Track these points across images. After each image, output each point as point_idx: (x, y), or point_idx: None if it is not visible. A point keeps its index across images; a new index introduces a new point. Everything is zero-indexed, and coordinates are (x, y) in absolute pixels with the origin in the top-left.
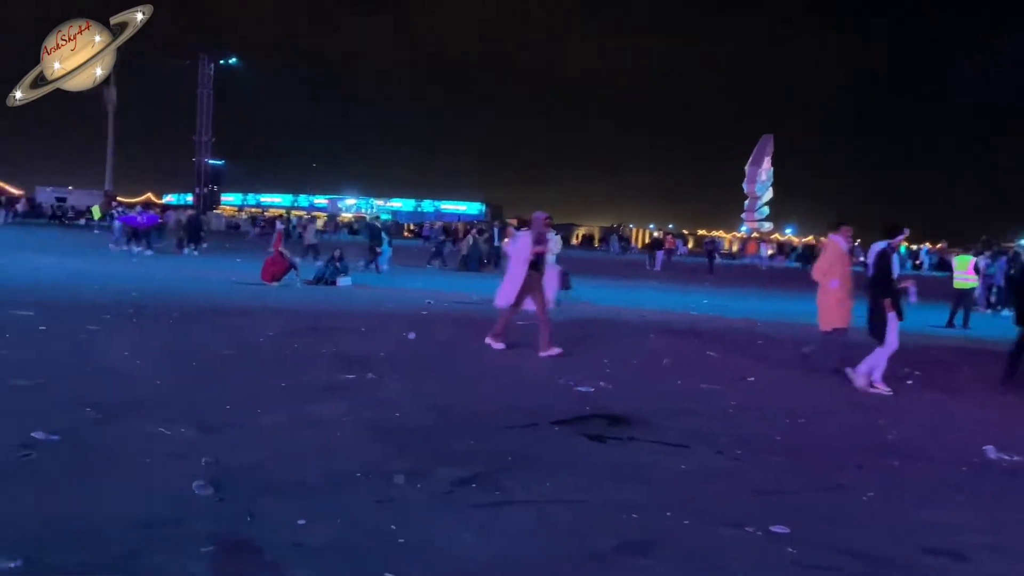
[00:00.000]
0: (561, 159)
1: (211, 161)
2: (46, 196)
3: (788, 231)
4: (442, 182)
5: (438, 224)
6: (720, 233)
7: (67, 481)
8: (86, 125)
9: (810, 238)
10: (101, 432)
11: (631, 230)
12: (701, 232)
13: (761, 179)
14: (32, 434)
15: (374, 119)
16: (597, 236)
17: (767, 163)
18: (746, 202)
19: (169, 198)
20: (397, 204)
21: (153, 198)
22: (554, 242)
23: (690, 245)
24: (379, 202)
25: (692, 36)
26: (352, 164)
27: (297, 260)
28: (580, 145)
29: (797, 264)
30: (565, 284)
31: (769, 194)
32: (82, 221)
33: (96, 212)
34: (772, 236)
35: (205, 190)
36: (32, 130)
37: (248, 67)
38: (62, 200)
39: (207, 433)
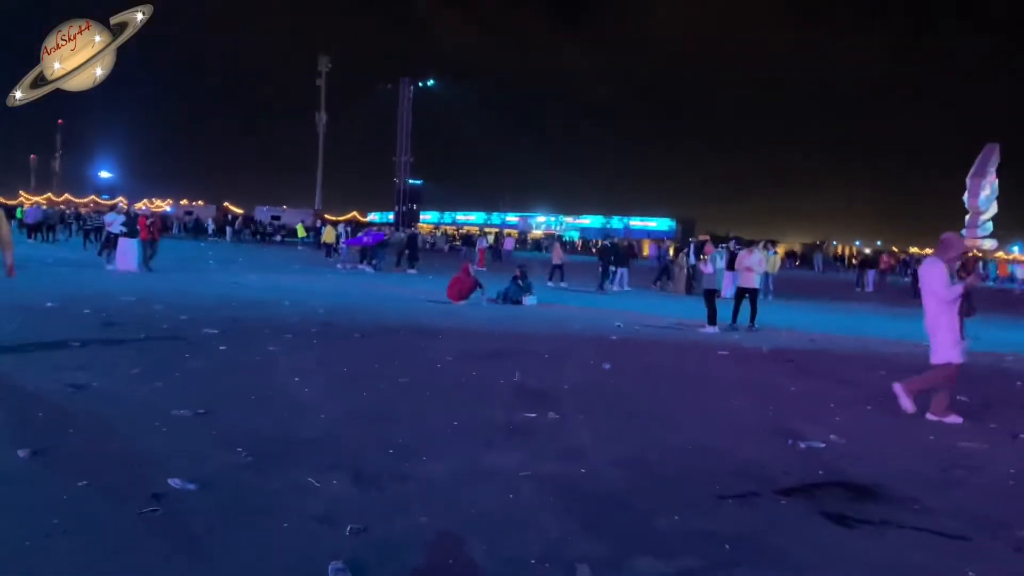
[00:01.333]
0: (756, 173)
1: (410, 181)
2: (263, 215)
3: (1015, 249)
4: (632, 198)
5: (666, 243)
6: (928, 251)
7: (178, 554)
8: (300, 149)
9: None
10: (245, 481)
11: (835, 247)
12: (913, 250)
13: (984, 192)
14: (169, 481)
15: (566, 136)
16: (799, 253)
17: (992, 175)
18: (967, 217)
19: (372, 216)
20: (586, 221)
21: (358, 216)
22: (758, 260)
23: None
24: (568, 219)
25: (906, 42)
26: (544, 182)
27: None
28: (777, 159)
29: None
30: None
31: (993, 208)
32: (278, 237)
33: (300, 230)
34: (995, 254)
35: (404, 208)
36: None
37: (446, 89)
38: (276, 218)
39: (362, 487)
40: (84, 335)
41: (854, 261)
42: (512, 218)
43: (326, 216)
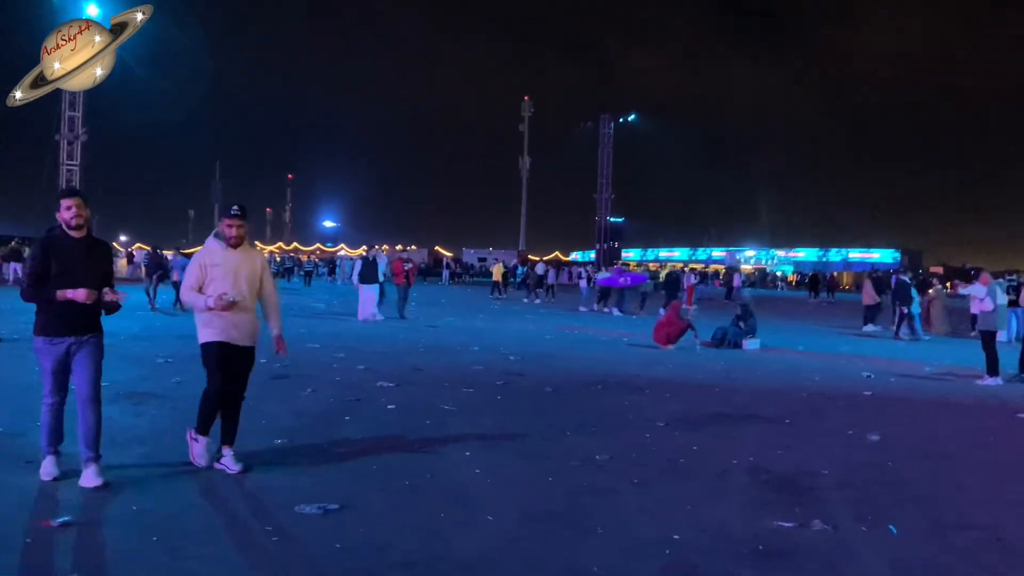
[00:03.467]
0: (991, 196)
1: (611, 219)
2: (470, 256)
3: None
4: (851, 228)
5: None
6: None
7: None
8: (505, 191)
9: None
10: None
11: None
12: None
13: None
14: None
15: (776, 167)
16: None
17: None
18: None
19: (575, 255)
20: (800, 254)
21: (560, 256)
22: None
23: None
24: (780, 252)
25: None
26: (752, 214)
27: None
28: (1013, 181)
29: None
30: None
31: None
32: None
33: (497, 271)
34: None
35: (606, 246)
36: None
37: (646, 123)
38: (483, 260)
39: None
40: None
41: None
42: (718, 253)
43: (531, 256)
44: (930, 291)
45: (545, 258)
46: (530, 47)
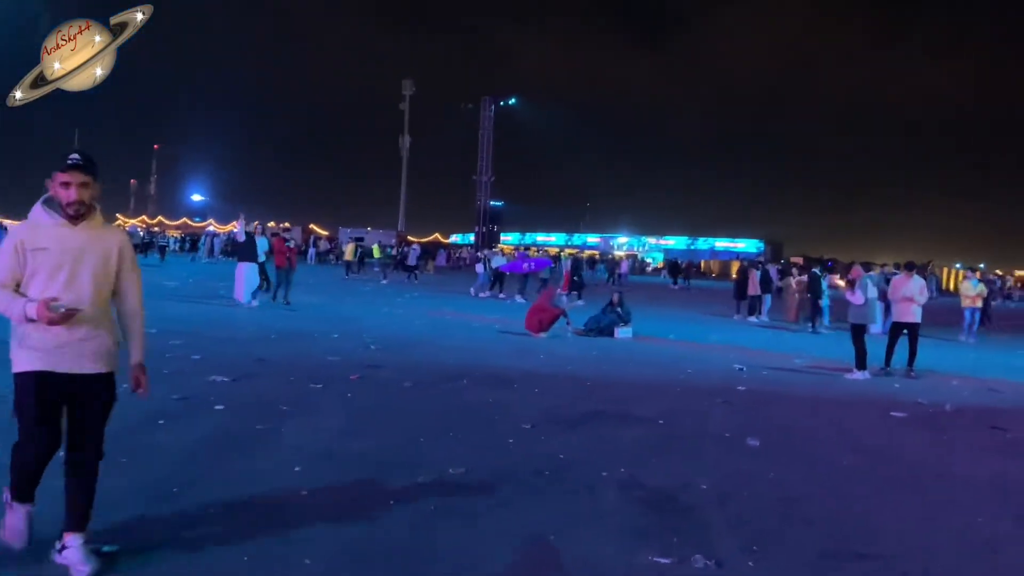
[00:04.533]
0: (848, 191)
1: (492, 202)
2: (345, 237)
3: None
4: (718, 218)
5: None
6: None
7: None
8: (385, 171)
9: None
10: None
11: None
12: (1019, 273)
13: None
14: None
15: (649, 156)
16: None
17: None
18: None
19: (454, 238)
20: (670, 242)
21: (440, 238)
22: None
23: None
24: (651, 240)
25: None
26: (625, 202)
27: (572, 304)
28: (868, 176)
29: None
30: None
31: None
32: (331, 259)
33: (376, 251)
34: None
35: (484, 229)
36: (338, 177)
37: (528, 109)
38: (360, 240)
39: None
40: None
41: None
42: (593, 239)
43: (410, 238)
44: (791, 280)
45: (424, 240)
46: (414, 26)
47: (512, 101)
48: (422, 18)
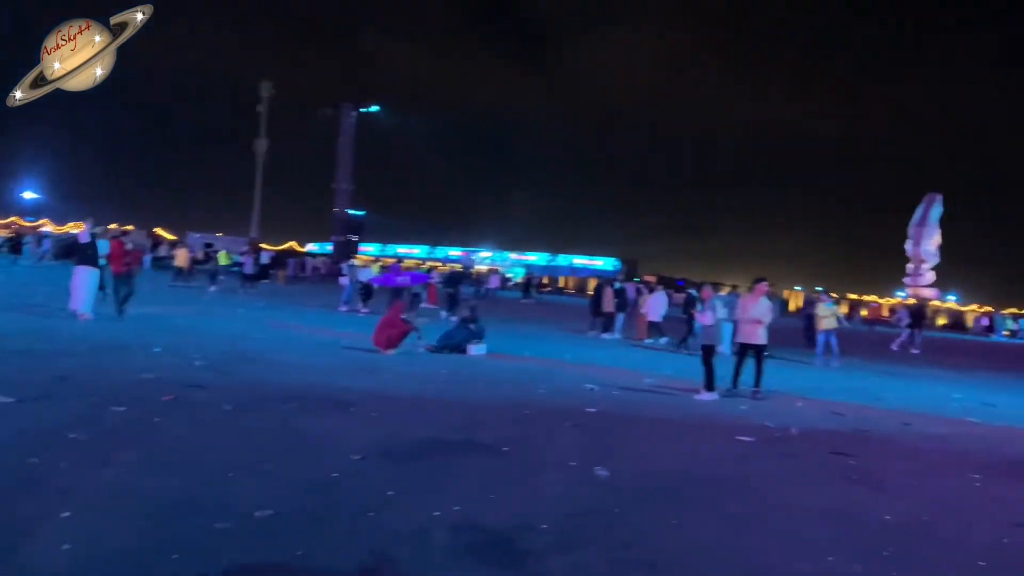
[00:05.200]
0: (698, 215)
1: (352, 211)
2: (195, 241)
3: (951, 298)
4: (577, 236)
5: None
6: (874, 298)
7: None
8: (239, 175)
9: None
10: None
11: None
12: (851, 296)
13: (926, 241)
14: None
15: (513, 173)
16: None
17: (933, 224)
18: (909, 265)
19: (311, 247)
20: (532, 257)
21: (296, 247)
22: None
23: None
24: (513, 255)
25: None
26: (489, 217)
27: (421, 320)
28: (721, 202)
29: None
30: None
31: (935, 257)
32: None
33: (223, 258)
34: (933, 303)
35: (343, 239)
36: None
37: (392, 118)
38: (209, 246)
39: None
40: None
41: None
42: (455, 252)
43: (263, 245)
44: (641, 299)
45: (279, 247)
46: (276, 28)
47: (375, 108)
48: (288, 20)
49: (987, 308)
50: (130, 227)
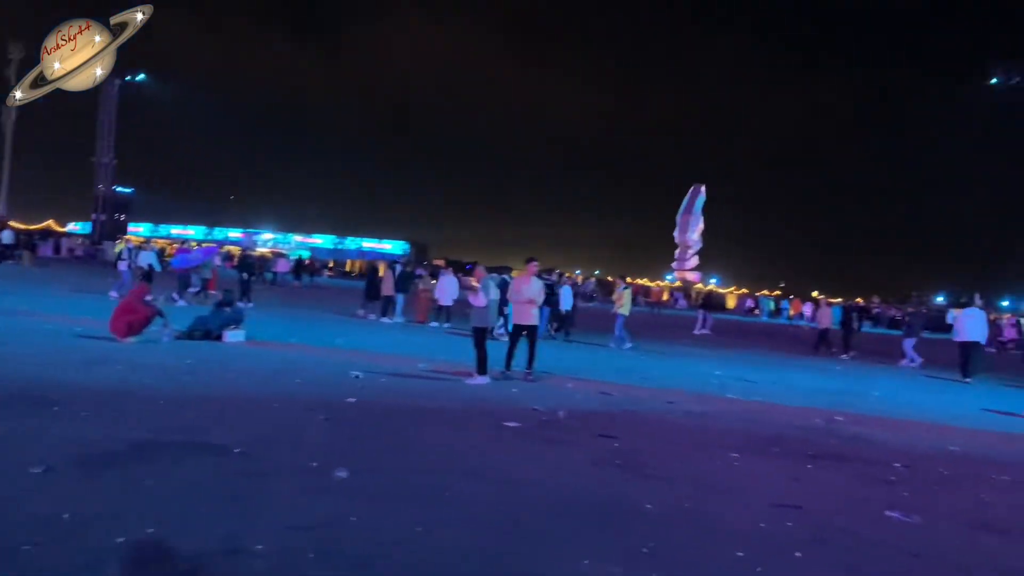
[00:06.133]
0: (485, 201)
1: (118, 188)
2: None
3: (713, 281)
4: (367, 219)
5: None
6: (646, 281)
7: None
8: None
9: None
10: None
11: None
12: (630, 280)
13: (692, 228)
14: None
15: (297, 152)
16: None
17: (697, 213)
18: (676, 251)
19: (73, 226)
20: (317, 240)
21: (55, 226)
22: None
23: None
24: (298, 237)
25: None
26: (272, 198)
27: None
28: (510, 188)
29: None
30: None
31: (699, 244)
32: None
33: None
34: (697, 285)
35: (103, 218)
36: None
37: (164, 91)
38: None
39: None
40: None
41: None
42: (235, 234)
43: (12, 223)
44: (421, 283)
45: (35, 226)
46: None
47: (141, 77)
48: None
49: (744, 290)
50: None
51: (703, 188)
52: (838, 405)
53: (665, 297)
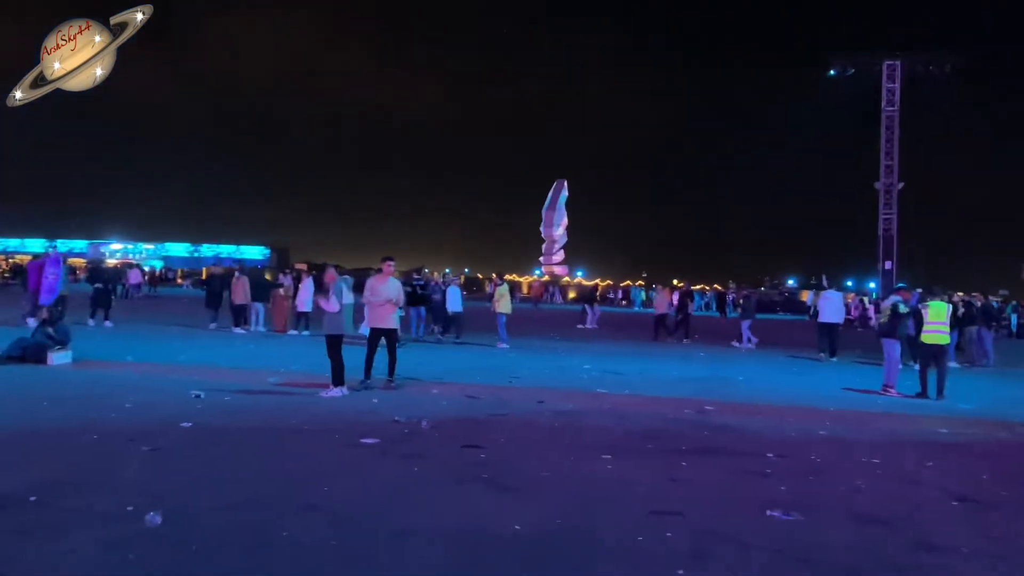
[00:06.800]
0: (353, 202)
1: None
2: None
3: (579, 273)
4: (223, 225)
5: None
6: (514, 276)
7: None
8: None
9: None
10: None
11: (427, 274)
12: (508, 277)
13: (557, 223)
14: None
15: (149, 159)
16: None
17: (561, 208)
18: (543, 246)
19: None
20: (173, 249)
21: None
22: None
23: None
24: (149, 246)
25: (489, 79)
26: (120, 206)
27: None
28: (373, 188)
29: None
30: None
31: (564, 238)
32: None
33: None
34: (564, 279)
35: None
36: None
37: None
38: None
39: None
40: None
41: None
42: (80, 245)
43: None
44: (280, 290)
45: None
46: None
47: None
48: None
49: (608, 281)
50: None
51: (565, 183)
52: (706, 393)
53: (539, 293)
